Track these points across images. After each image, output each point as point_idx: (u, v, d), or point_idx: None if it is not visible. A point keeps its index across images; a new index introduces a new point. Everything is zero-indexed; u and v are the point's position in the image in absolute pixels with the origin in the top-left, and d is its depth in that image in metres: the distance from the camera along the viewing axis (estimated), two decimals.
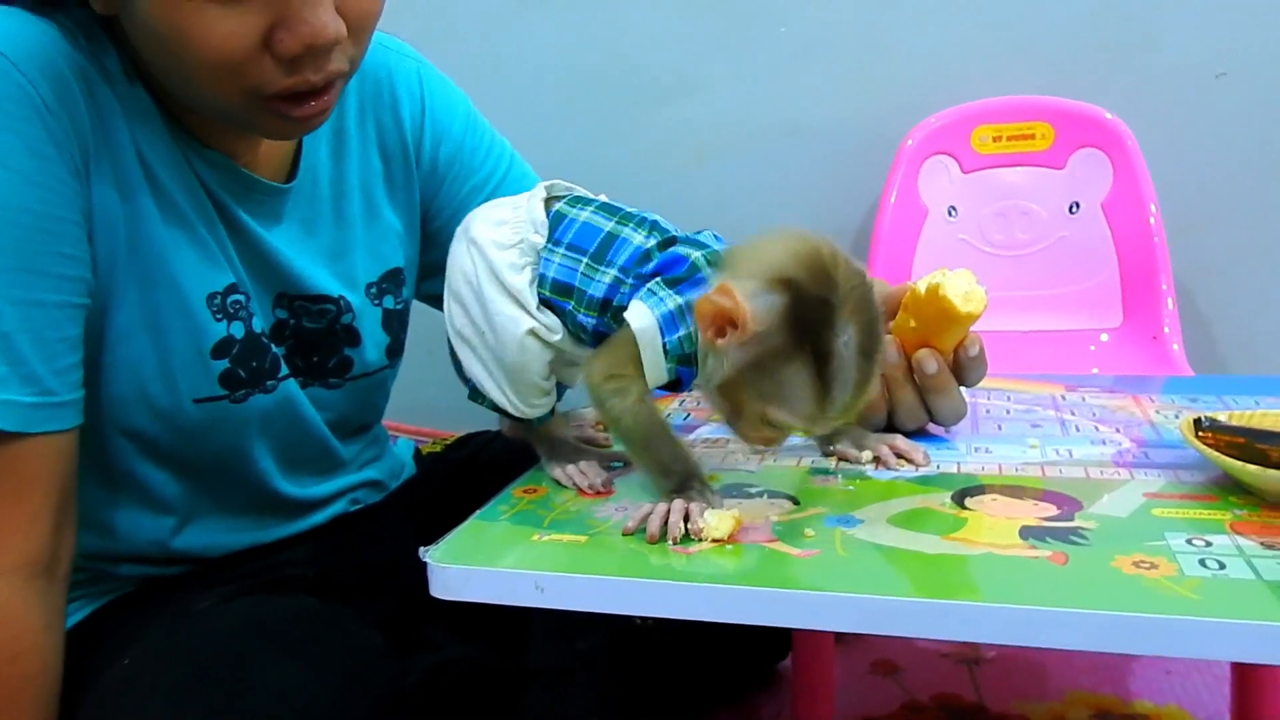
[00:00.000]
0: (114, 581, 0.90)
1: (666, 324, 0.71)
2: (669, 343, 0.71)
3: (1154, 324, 1.53)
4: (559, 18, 1.82)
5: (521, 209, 0.80)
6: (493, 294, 0.78)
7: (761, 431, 0.70)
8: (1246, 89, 1.61)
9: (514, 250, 0.78)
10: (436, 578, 0.63)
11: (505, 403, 0.81)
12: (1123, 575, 0.57)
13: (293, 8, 0.70)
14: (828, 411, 0.66)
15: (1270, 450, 0.66)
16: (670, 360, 0.72)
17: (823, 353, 0.65)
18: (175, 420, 0.83)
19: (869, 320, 0.66)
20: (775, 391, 0.67)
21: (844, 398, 0.66)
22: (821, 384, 0.65)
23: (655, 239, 0.75)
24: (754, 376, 0.67)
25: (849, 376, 0.65)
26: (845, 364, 0.65)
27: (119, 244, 0.78)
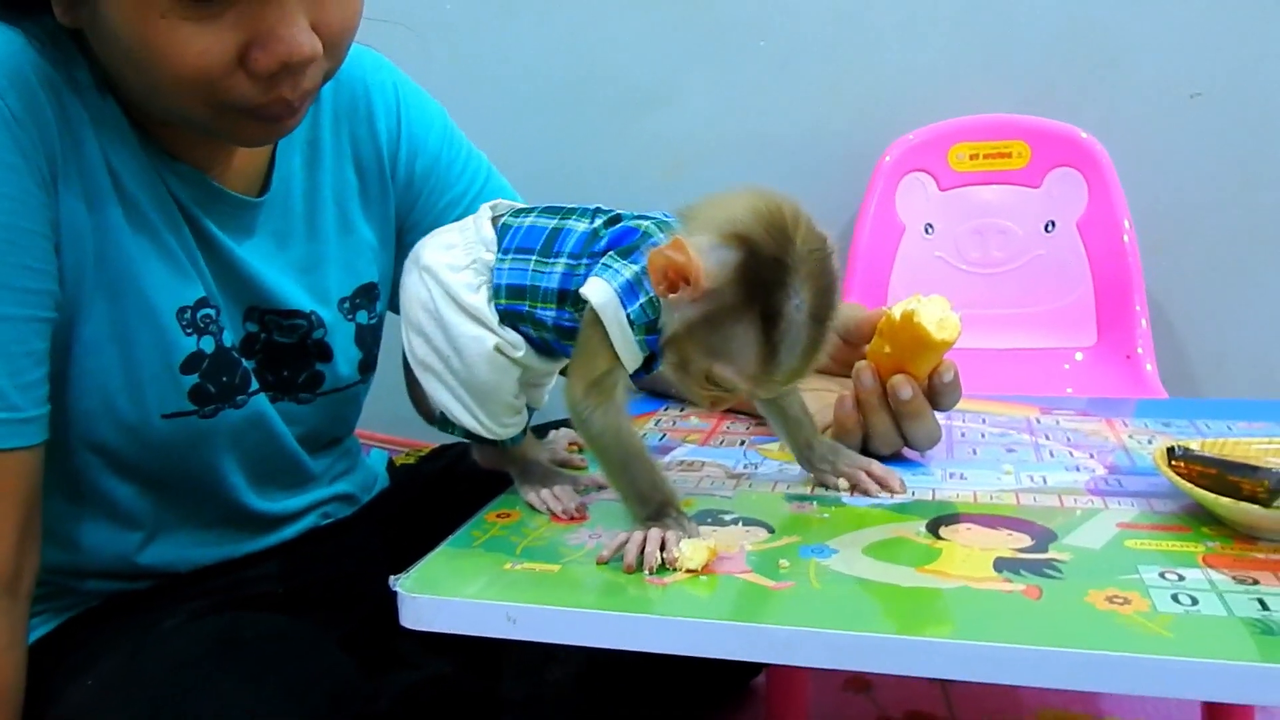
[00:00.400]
0: (78, 597, 0.89)
1: (626, 293, 0.70)
2: (632, 312, 0.69)
3: (1128, 344, 1.54)
4: (536, 29, 1.82)
5: (470, 230, 0.80)
6: (453, 317, 0.77)
7: (708, 389, 0.69)
8: (1220, 109, 1.63)
9: (468, 271, 0.77)
10: (406, 607, 0.62)
11: (476, 426, 0.79)
12: (1096, 611, 0.57)
13: (268, 25, 0.69)
14: (773, 374, 0.66)
15: (1242, 482, 0.66)
16: (638, 332, 0.70)
17: (772, 313, 0.64)
18: (143, 435, 0.82)
19: (824, 285, 0.65)
20: (721, 348, 0.66)
21: (791, 361, 0.65)
22: (768, 345, 0.64)
23: (600, 219, 0.75)
24: (703, 332, 0.66)
25: (798, 340, 0.65)
26: (795, 327, 0.64)
27: (87, 257, 0.77)
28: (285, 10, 0.69)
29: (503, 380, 0.78)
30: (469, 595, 0.62)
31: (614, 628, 0.59)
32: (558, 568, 0.66)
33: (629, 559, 0.65)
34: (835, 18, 1.71)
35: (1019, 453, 0.88)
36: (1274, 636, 0.54)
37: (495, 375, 0.77)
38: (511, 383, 0.78)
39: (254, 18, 0.69)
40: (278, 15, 0.69)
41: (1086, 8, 1.64)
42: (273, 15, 0.69)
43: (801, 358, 0.66)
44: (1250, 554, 0.65)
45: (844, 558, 0.66)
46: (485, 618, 0.61)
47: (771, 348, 0.64)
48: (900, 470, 0.83)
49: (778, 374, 0.66)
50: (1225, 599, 0.58)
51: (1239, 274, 1.67)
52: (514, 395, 0.79)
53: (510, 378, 0.78)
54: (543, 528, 0.74)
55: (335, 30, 0.74)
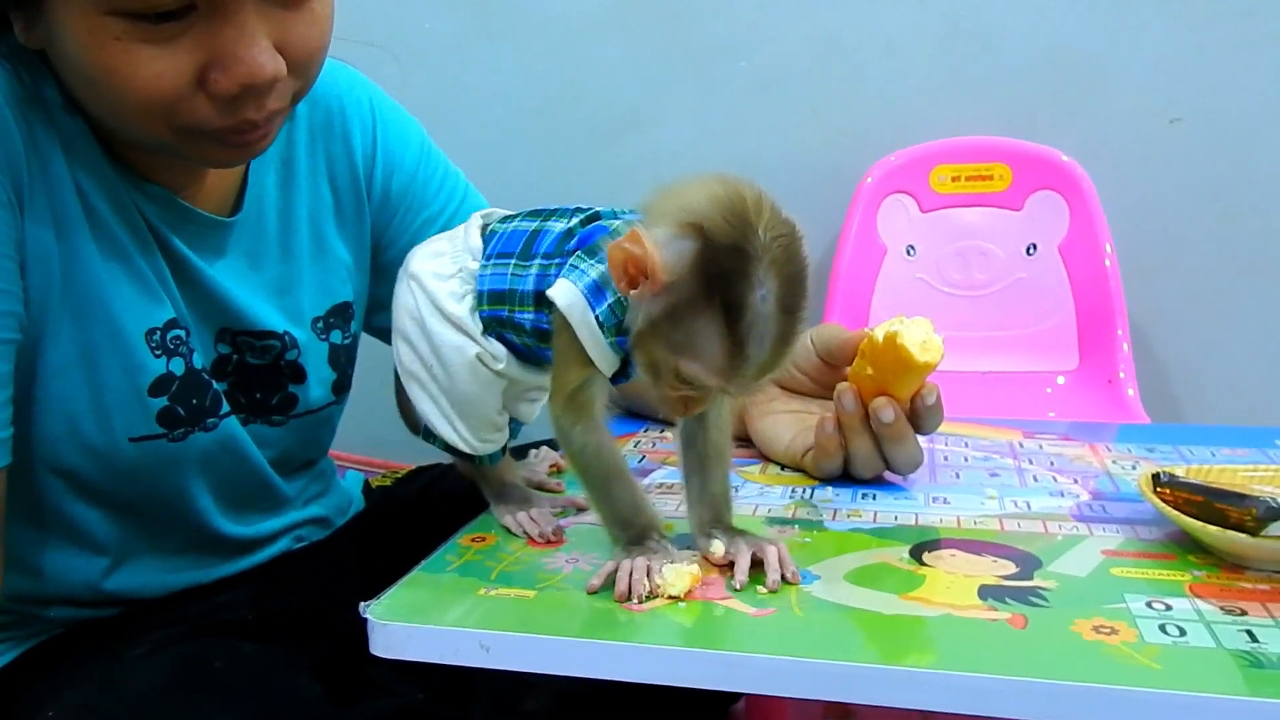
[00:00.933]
0: (42, 625, 0.87)
1: (592, 293, 0.67)
2: (600, 313, 0.67)
3: (1110, 368, 1.54)
4: (516, 50, 1.81)
5: (459, 239, 0.79)
6: (436, 326, 0.76)
7: (678, 389, 0.64)
8: (1200, 135, 1.64)
9: (454, 280, 0.76)
10: (377, 635, 0.60)
11: (456, 439, 0.78)
12: (1083, 641, 0.56)
13: (227, 46, 0.67)
14: (741, 368, 0.61)
15: (1230, 510, 0.65)
16: (609, 334, 0.67)
17: (735, 304, 0.60)
18: (110, 459, 0.80)
19: (792, 273, 0.61)
20: (686, 343, 0.62)
21: (759, 354, 0.61)
22: (733, 338, 0.60)
23: (578, 218, 0.73)
24: (666, 327, 0.62)
25: (765, 332, 0.60)
26: (761, 318, 0.60)
27: (53, 278, 0.75)
28: (245, 31, 0.68)
29: (485, 393, 0.76)
30: (442, 623, 0.61)
31: (591, 656, 0.58)
32: (534, 593, 0.64)
33: (621, 588, 0.63)
34: (817, 39, 1.71)
35: (1002, 477, 0.87)
36: (1263, 670, 0.53)
37: (477, 387, 0.76)
38: (494, 397, 0.77)
39: (213, 39, 0.67)
40: (237, 36, 0.67)
41: (1068, 32, 1.64)
42: (232, 36, 0.67)
43: (771, 351, 0.61)
44: (1237, 583, 0.64)
45: (826, 584, 0.64)
46: (459, 646, 0.59)
47: (737, 340, 0.60)
48: (882, 494, 0.83)
49: (746, 368, 0.61)
50: (1214, 630, 0.57)
51: (1219, 298, 1.68)
52: (496, 411, 0.78)
53: (493, 391, 0.77)
54: (519, 552, 0.72)
55: (300, 50, 0.72)
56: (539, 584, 0.66)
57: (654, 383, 0.66)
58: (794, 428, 0.90)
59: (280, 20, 0.70)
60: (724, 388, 0.63)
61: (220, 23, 0.67)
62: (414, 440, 0.86)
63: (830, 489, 0.84)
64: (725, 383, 0.63)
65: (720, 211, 0.61)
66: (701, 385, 0.63)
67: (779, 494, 0.83)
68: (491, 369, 0.75)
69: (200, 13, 0.67)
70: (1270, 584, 0.64)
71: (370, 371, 1.04)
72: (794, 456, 0.89)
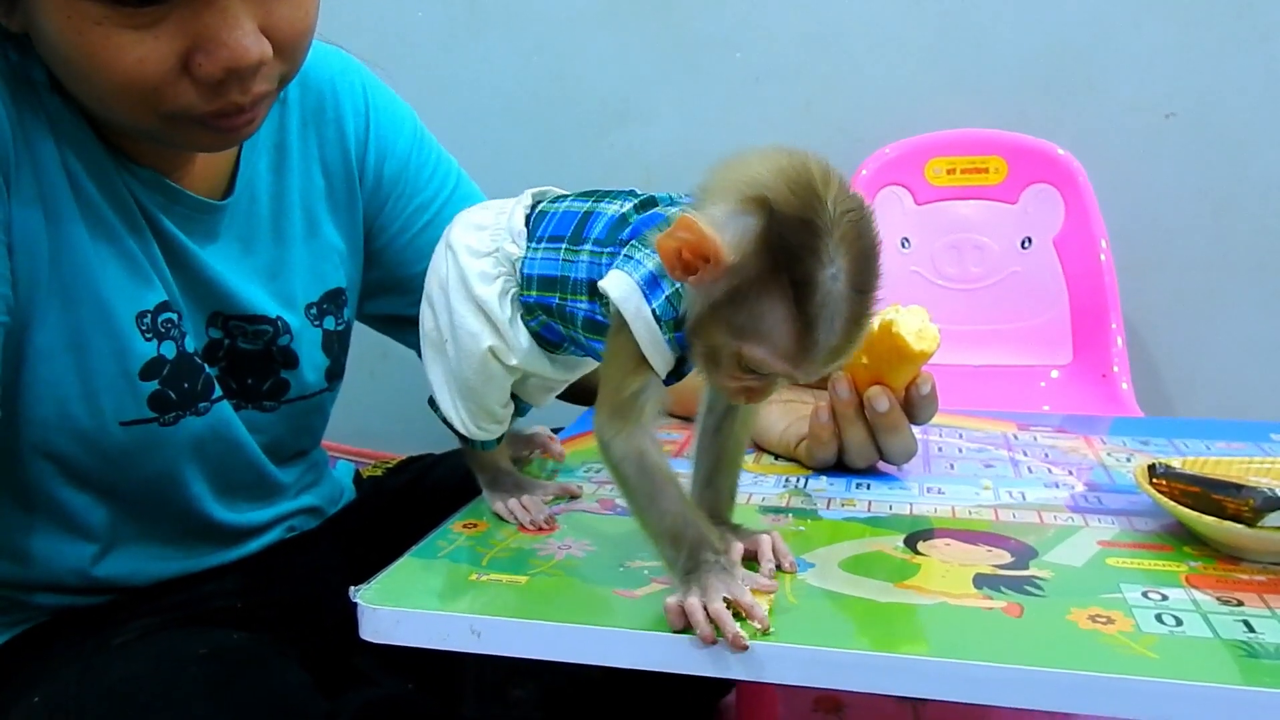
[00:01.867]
0: (29, 611, 0.86)
1: (648, 286, 0.63)
2: (657, 307, 0.62)
3: (1103, 362, 1.54)
4: (510, 38, 1.80)
5: (503, 215, 0.75)
6: (459, 304, 0.74)
7: (740, 379, 0.60)
8: (1195, 130, 1.63)
9: (488, 259, 0.73)
10: (366, 619, 0.60)
11: (455, 419, 0.78)
12: (1079, 630, 0.56)
13: (210, 29, 0.66)
14: (811, 352, 0.57)
15: (1226, 501, 0.65)
16: (667, 330, 0.62)
17: (805, 282, 0.55)
18: (99, 444, 0.79)
19: (863, 250, 0.56)
20: (750, 327, 0.57)
21: (831, 338, 0.56)
22: (803, 319, 0.56)
23: (632, 203, 0.69)
24: (728, 311, 0.58)
25: (837, 313, 0.56)
26: (832, 298, 0.55)
27: (41, 260, 0.74)
28: (228, 14, 0.66)
29: (488, 387, 0.75)
30: (432, 608, 0.60)
31: (582, 642, 0.57)
32: (525, 579, 0.64)
33: (705, 633, 0.56)
34: (811, 32, 1.71)
35: (997, 468, 0.86)
36: (1259, 659, 0.53)
37: (482, 379, 0.75)
38: (499, 391, 0.76)
39: (195, 22, 0.66)
40: (220, 20, 0.66)
41: (1063, 26, 1.64)
42: (215, 20, 0.66)
43: (843, 334, 0.57)
44: (1233, 574, 0.64)
45: (820, 572, 0.64)
46: (448, 630, 0.59)
47: (807, 322, 0.56)
48: (877, 484, 0.82)
49: (817, 353, 0.57)
50: (1210, 620, 0.57)
51: (1212, 293, 1.68)
52: (499, 404, 0.77)
53: (498, 385, 0.76)
54: (510, 538, 0.72)
55: (286, 33, 0.71)
56: (530, 570, 0.65)
57: (713, 372, 0.61)
58: (787, 417, 0.90)
59: (264, 2, 0.69)
60: (791, 374, 0.59)
61: (202, 6, 0.66)
62: (404, 431, 0.86)
63: (824, 478, 0.84)
64: (793, 369, 0.58)
65: (786, 184, 0.56)
66: (767, 371, 0.59)
67: (772, 483, 0.83)
68: (504, 363, 0.74)
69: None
70: (1267, 575, 0.63)
71: (361, 362, 1.03)
72: (787, 446, 0.88)
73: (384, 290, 1.01)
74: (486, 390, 0.76)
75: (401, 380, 1.83)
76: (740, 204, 0.57)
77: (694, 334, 0.61)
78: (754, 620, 0.56)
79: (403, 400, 1.85)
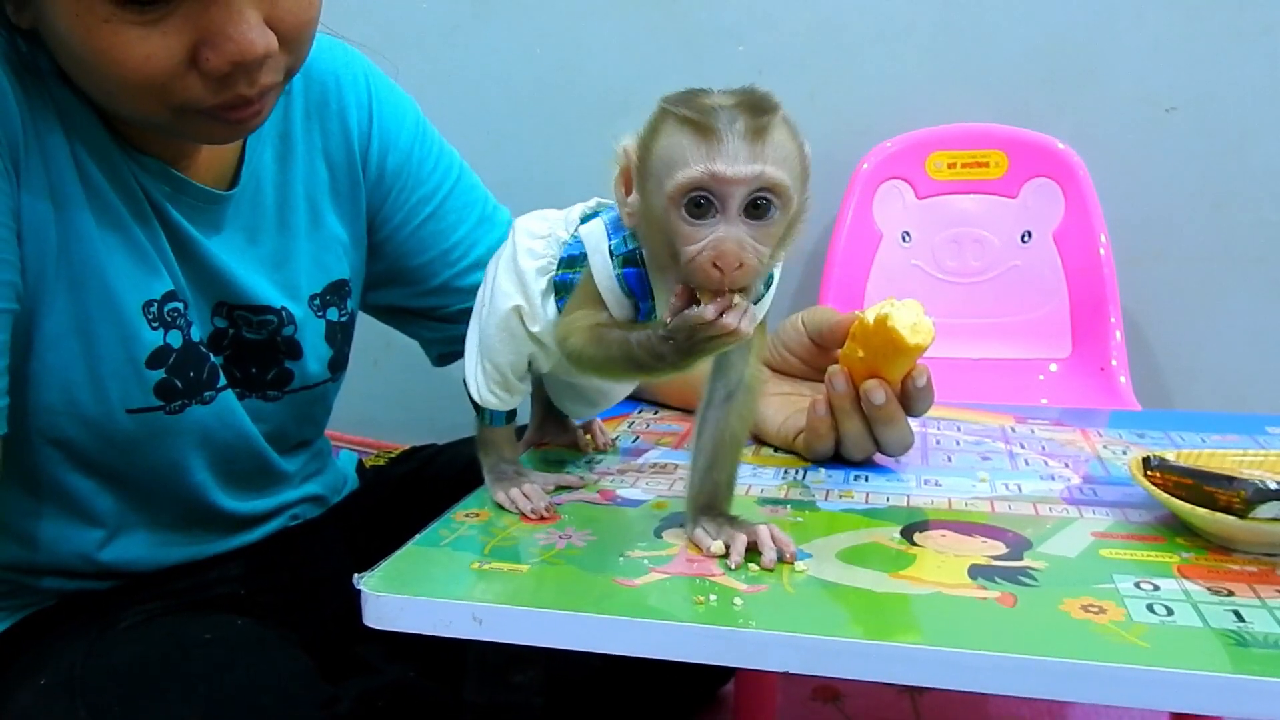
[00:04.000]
0: (35, 595, 0.87)
1: (613, 226, 0.71)
2: (614, 244, 0.70)
3: (1102, 355, 1.54)
4: (512, 30, 1.81)
5: (571, 210, 0.79)
6: (503, 272, 0.78)
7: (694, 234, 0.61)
8: (1195, 124, 1.64)
9: (541, 241, 0.77)
10: (370, 606, 0.61)
11: (471, 381, 0.80)
12: (1071, 620, 0.57)
13: (216, 24, 0.67)
14: (719, 140, 0.60)
15: (1218, 493, 0.66)
16: (617, 264, 0.69)
17: (688, 103, 0.61)
18: (106, 430, 0.80)
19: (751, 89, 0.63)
20: (665, 164, 0.62)
21: (731, 125, 0.60)
22: (696, 123, 0.60)
23: None
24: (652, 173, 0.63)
25: (727, 112, 0.60)
26: (715, 103, 0.61)
27: (49, 248, 0.75)
28: (233, 9, 0.67)
29: (506, 344, 0.77)
30: (435, 595, 0.61)
31: (582, 629, 0.58)
32: (526, 568, 0.65)
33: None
34: (813, 25, 1.71)
35: (993, 460, 0.87)
36: (1248, 648, 0.53)
37: (501, 336, 0.77)
38: (514, 354, 0.78)
39: (201, 17, 0.67)
40: (225, 14, 0.67)
41: (1064, 20, 1.64)
42: (220, 14, 0.67)
43: (744, 122, 0.60)
44: (1225, 565, 0.64)
45: (817, 562, 0.65)
46: (451, 618, 0.59)
47: (700, 123, 0.60)
48: (874, 476, 0.83)
49: (724, 138, 0.60)
50: (1200, 610, 0.58)
51: (1211, 287, 1.68)
52: (512, 369, 0.79)
53: (516, 347, 0.78)
54: (512, 527, 0.72)
55: (290, 24, 0.72)
56: (532, 559, 0.66)
57: (672, 254, 0.64)
58: (785, 409, 0.90)
59: None
60: (713, 171, 0.60)
61: (208, 1, 0.67)
62: (408, 420, 0.87)
63: (822, 470, 0.85)
64: (713, 163, 0.60)
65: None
66: (696, 189, 0.60)
67: (771, 475, 0.83)
68: (527, 327, 0.76)
69: None
70: (1257, 565, 0.64)
71: (365, 352, 1.04)
72: (785, 438, 0.89)
73: (387, 281, 1.02)
74: (503, 347, 0.78)
75: (405, 370, 1.83)
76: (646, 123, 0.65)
77: (648, 245, 0.68)
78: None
79: (406, 390, 1.86)
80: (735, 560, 0.64)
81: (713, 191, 0.60)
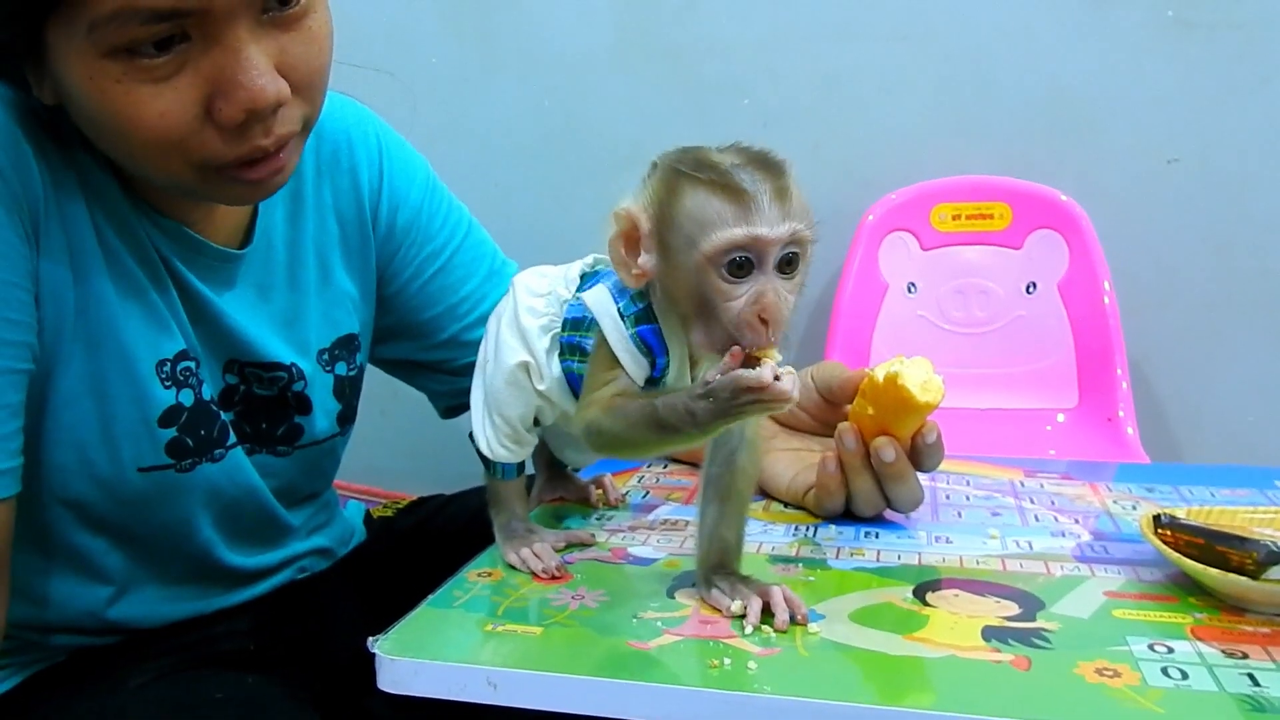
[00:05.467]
0: (45, 652, 0.87)
1: (616, 290, 0.71)
2: (622, 305, 0.70)
3: (1109, 406, 1.55)
4: (521, 84, 1.83)
5: (568, 267, 0.80)
6: (505, 329, 0.79)
7: (732, 292, 0.63)
8: (1197, 175, 1.65)
9: (541, 299, 0.78)
10: (385, 670, 0.61)
11: (480, 436, 0.81)
12: (1086, 684, 0.57)
13: (227, 75, 0.68)
14: (754, 201, 0.62)
15: (1230, 553, 0.66)
16: (630, 324, 0.70)
17: (708, 166, 0.63)
18: (117, 489, 0.81)
19: (748, 146, 0.65)
20: (693, 230, 0.63)
21: (758, 184, 0.62)
22: (725, 184, 0.62)
23: None
24: (672, 245, 0.64)
25: (749, 171, 0.63)
26: (736, 166, 0.63)
27: (67, 310, 0.75)
28: (242, 56, 0.68)
29: (514, 399, 0.78)
30: (449, 659, 0.61)
31: (598, 694, 0.58)
32: (540, 630, 0.65)
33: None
34: (819, 78, 1.73)
35: (1004, 516, 0.87)
36: (1265, 714, 0.53)
37: (509, 390, 0.78)
38: (522, 405, 0.79)
39: (212, 68, 0.68)
40: (235, 63, 0.68)
41: (1066, 74, 1.66)
42: (230, 63, 0.68)
43: (769, 181, 0.63)
44: (1239, 626, 0.64)
45: (830, 624, 0.65)
46: (466, 682, 0.59)
47: (729, 184, 0.62)
48: (884, 533, 0.83)
49: (759, 198, 0.62)
50: (1215, 673, 0.58)
51: (1216, 337, 1.69)
52: (521, 420, 0.80)
53: (523, 400, 0.78)
54: (525, 587, 0.72)
55: (302, 71, 0.72)
56: (545, 621, 0.66)
57: (708, 315, 0.65)
58: (795, 465, 0.90)
59: (277, 42, 0.70)
60: (754, 233, 0.62)
61: (217, 51, 0.67)
62: (416, 469, 0.87)
63: (833, 527, 0.85)
64: (751, 226, 0.62)
65: (672, 150, 0.66)
66: (737, 250, 0.62)
67: (782, 532, 0.83)
68: (533, 384, 0.77)
69: (195, 44, 0.67)
70: (1271, 627, 0.64)
71: (373, 401, 1.05)
72: (796, 494, 0.89)
73: (396, 335, 1.02)
74: (512, 400, 0.78)
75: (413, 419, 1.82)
76: (640, 184, 0.66)
77: (668, 297, 0.68)
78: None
79: (414, 439, 1.86)
80: (751, 624, 0.64)
81: (752, 251, 0.62)
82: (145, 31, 0.65)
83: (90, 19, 0.64)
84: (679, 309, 0.67)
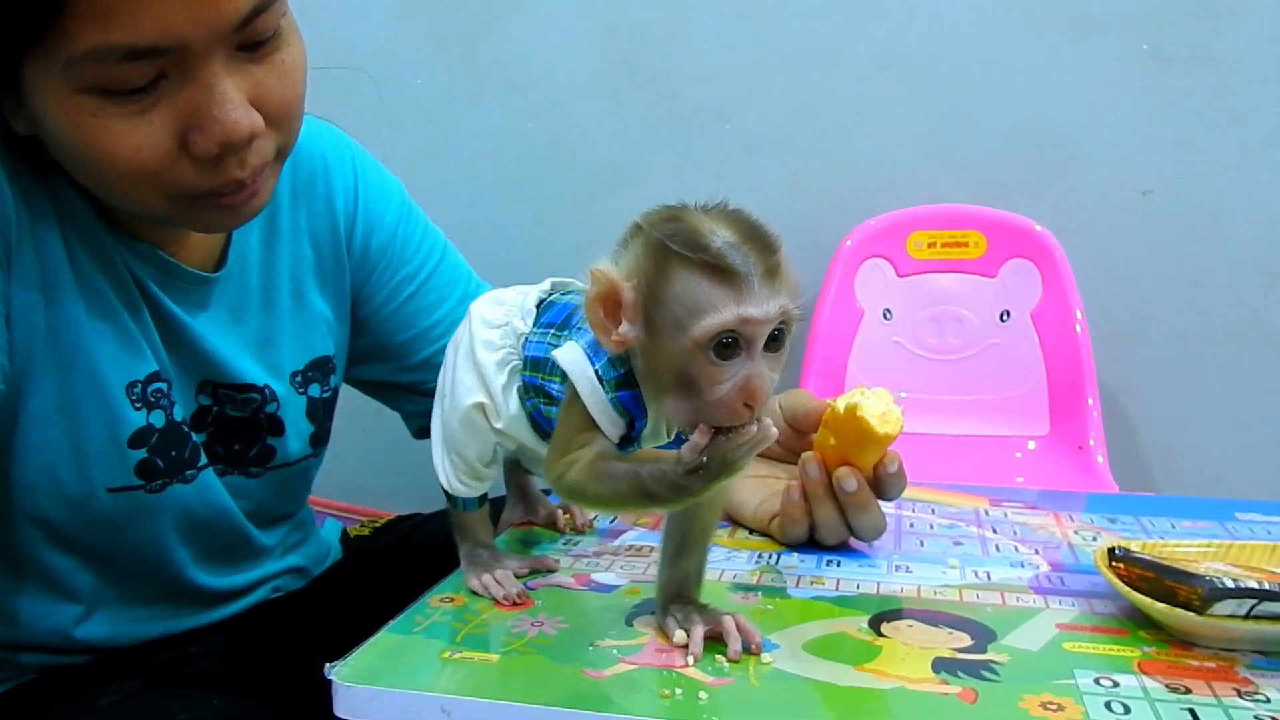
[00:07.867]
0: (13, 670, 0.87)
1: (592, 350, 0.68)
2: (600, 368, 0.67)
3: (1080, 434, 1.56)
4: (502, 108, 1.84)
5: (522, 296, 0.79)
6: (461, 363, 0.78)
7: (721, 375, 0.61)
8: (1171, 207, 1.67)
9: (497, 331, 0.77)
10: (340, 696, 0.61)
11: (440, 471, 0.81)
12: (1030, 717, 0.58)
13: (201, 108, 0.69)
14: (745, 282, 0.59)
15: (1178, 588, 0.67)
16: (609, 389, 0.67)
17: (696, 244, 0.60)
18: (87, 509, 0.81)
19: (737, 214, 0.62)
20: (682, 311, 0.60)
21: (748, 263, 0.59)
22: (715, 265, 0.59)
23: None
24: (659, 324, 0.61)
25: (738, 248, 0.59)
26: (725, 241, 0.60)
27: (38, 333, 0.76)
28: (215, 91, 0.69)
29: (470, 439, 0.78)
30: (405, 686, 0.62)
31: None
32: (496, 658, 0.65)
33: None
34: (800, 106, 1.75)
35: (965, 545, 0.88)
36: None
37: (465, 430, 0.78)
38: (481, 445, 0.79)
39: (186, 103, 0.68)
40: (209, 97, 0.68)
41: (1043, 106, 1.68)
42: (204, 98, 0.68)
43: (758, 257, 0.60)
44: (1185, 660, 0.65)
45: (784, 654, 0.66)
46: (420, 710, 0.60)
47: (720, 265, 0.59)
48: (846, 561, 0.84)
49: (749, 280, 0.59)
50: (1157, 708, 0.59)
51: (1189, 367, 1.70)
52: (480, 459, 0.80)
53: (480, 440, 0.78)
54: (485, 613, 0.73)
55: (276, 103, 0.73)
56: (502, 648, 0.67)
57: (695, 394, 0.62)
58: (761, 492, 0.91)
59: (250, 75, 0.71)
60: (746, 315, 0.59)
61: (191, 86, 0.68)
62: (395, 487, 0.87)
63: (796, 555, 0.85)
64: (741, 308, 0.59)
65: (648, 213, 0.64)
66: (727, 332, 0.60)
67: (745, 559, 0.84)
68: (490, 422, 0.77)
69: (170, 79, 0.68)
70: (1217, 661, 0.65)
71: (353, 420, 1.05)
72: (761, 521, 0.90)
73: (371, 357, 1.03)
74: (468, 440, 0.78)
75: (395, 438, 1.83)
76: (620, 245, 0.64)
77: (651, 373, 0.65)
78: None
79: (394, 457, 1.86)
80: (693, 654, 0.65)
81: (741, 333, 0.60)
82: (123, 71, 0.66)
83: (66, 55, 0.64)
84: (657, 382, 0.65)
